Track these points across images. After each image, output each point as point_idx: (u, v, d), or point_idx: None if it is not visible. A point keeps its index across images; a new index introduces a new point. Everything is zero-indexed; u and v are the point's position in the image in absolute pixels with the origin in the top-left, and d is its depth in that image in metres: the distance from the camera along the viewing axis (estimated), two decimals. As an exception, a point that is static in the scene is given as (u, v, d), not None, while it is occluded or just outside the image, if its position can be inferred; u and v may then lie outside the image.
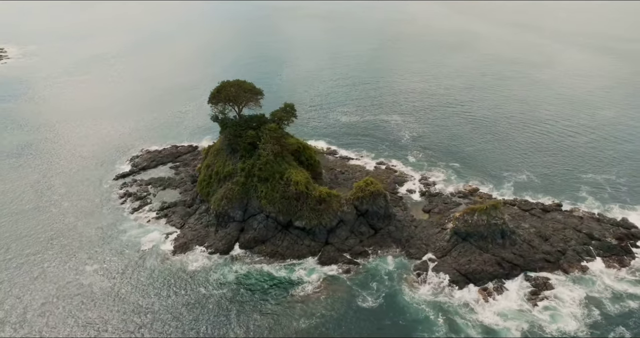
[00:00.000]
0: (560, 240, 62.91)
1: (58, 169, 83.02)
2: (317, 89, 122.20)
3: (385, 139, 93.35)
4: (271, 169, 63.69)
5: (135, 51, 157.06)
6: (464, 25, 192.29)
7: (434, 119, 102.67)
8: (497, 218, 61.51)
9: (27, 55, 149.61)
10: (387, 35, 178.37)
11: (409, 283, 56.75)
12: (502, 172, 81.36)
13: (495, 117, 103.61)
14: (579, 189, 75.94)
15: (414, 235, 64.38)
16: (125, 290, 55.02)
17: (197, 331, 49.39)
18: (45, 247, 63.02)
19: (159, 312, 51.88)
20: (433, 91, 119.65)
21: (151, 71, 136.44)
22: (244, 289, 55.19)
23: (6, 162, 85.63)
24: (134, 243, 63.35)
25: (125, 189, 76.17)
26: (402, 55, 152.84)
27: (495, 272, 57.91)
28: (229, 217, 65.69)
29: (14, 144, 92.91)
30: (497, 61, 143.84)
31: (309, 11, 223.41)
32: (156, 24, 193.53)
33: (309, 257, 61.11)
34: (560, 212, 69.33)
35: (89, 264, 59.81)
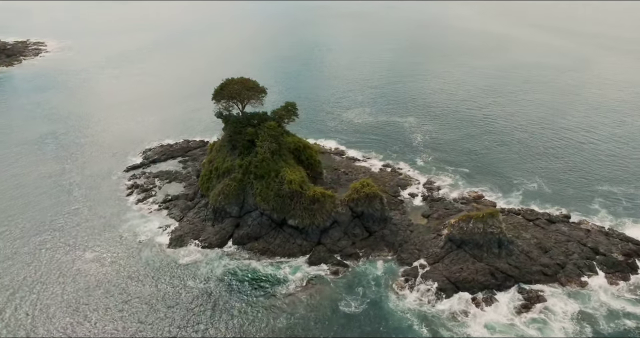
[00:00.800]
0: (561, 253, 60.31)
1: (75, 158, 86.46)
2: (335, 89, 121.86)
3: (396, 141, 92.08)
4: (267, 166, 64.12)
5: (165, 48, 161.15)
6: (491, 27, 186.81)
7: (449, 122, 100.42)
8: (493, 227, 59.60)
9: (64, 49, 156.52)
10: (409, 36, 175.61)
11: (396, 289, 55.80)
12: (513, 179, 78.73)
13: (515, 122, 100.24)
14: (592, 201, 72.53)
15: (408, 240, 63.29)
16: (116, 278, 56.80)
17: (171, 322, 50.43)
18: (50, 231, 65.91)
19: (141, 300, 53.35)
20: (453, 94, 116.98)
21: (178, 67, 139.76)
22: (228, 284, 55.88)
23: (28, 149, 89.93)
24: (133, 234, 65.29)
25: (133, 181, 78.54)
26: (424, 56, 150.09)
27: (486, 282, 56.15)
28: (226, 212, 66.63)
29: (39, 132, 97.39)
30: (523, 64, 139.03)
31: (333, 11, 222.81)
32: (187, 23, 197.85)
33: (299, 256, 61.18)
34: (567, 223, 66.43)
35: (88, 251, 62.13)
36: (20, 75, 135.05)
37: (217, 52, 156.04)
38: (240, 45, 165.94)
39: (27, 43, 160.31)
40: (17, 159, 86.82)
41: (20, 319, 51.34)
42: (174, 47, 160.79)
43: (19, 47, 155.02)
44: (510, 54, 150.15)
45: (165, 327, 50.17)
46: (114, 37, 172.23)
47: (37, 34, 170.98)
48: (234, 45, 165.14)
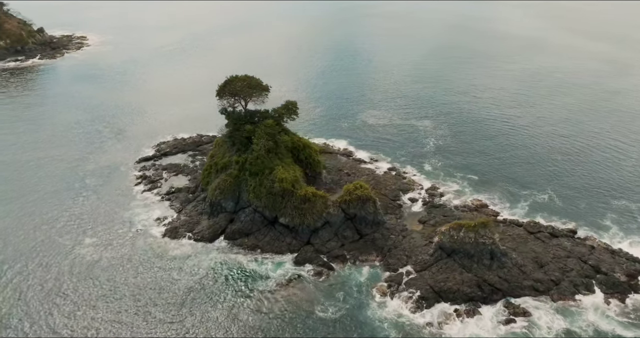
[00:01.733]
0: (558, 268, 57.38)
1: (95, 147, 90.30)
2: (355, 89, 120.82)
3: (407, 145, 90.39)
4: (262, 164, 64.67)
5: (200, 45, 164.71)
6: (535, 31, 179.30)
7: (467, 128, 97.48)
8: (485, 237, 57.51)
9: (104, 44, 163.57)
10: (442, 39, 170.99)
11: (377, 295, 54.84)
12: (523, 189, 75.53)
13: (537, 129, 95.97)
14: (604, 216, 68.53)
15: (399, 245, 62.08)
16: (106, 265, 59.03)
17: (148, 313, 51.94)
18: (57, 213, 69.49)
19: (123, 289, 55.29)
20: (477, 98, 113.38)
21: (209, 64, 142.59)
22: (209, 279, 56.78)
23: (54, 135, 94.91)
24: (132, 223, 67.58)
25: (142, 172, 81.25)
26: (453, 59, 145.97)
27: (472, 294, 54.26)
28: (221, 207, 67.76)
29: (68, 120, 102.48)
30: (558, 69, 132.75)
31: (370, 11, 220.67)
32: (225, 21, 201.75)
33: (287, 254, 61.32)
34: (571, 239, 63.08)
35: (88, 236, 64.92)
36: (61, 67, 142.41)
37: (248, 50, 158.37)
38: (270, 44, 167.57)
39: (71, 37, 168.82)
40: (42, 143, 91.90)
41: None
42: (209, 45, 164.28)
43: (63, 41, 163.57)
44: (547, 58, 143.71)
45: (139, 318, 51.51)
46: (154, 34, 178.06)
47: (82, 28, 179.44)
48: (264, 44, 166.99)
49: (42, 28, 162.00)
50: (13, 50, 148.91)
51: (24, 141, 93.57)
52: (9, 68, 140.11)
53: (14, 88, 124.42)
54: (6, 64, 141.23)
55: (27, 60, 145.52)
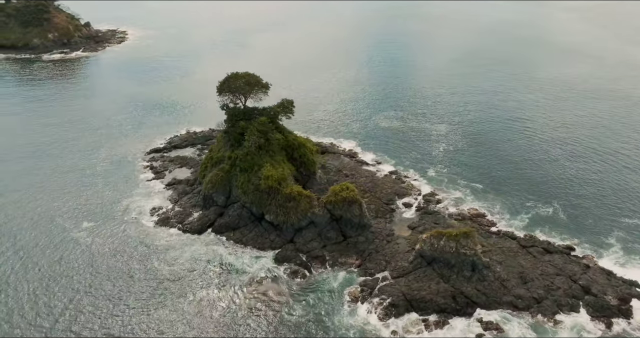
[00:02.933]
0: (543, 286, 54.42)
1: (113, 136, 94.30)
2: (373, 90, 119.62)
3: (415, 148, 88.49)
4: (251, 160, 65.44)
5: (236, 42, 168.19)
6: (582, 34, 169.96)
7: (482, 134, 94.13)
8: (467, 248, 55.44)
9: (144, 39, 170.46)
10: (477, 42, 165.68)
11: (348, 299, 54.13)
12: (528, 200, 72.11)
13: (557, 139, 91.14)
14: (609, 234, 64.28)
15: (381, 250, 60.99)
16: (96, 249, 61.68)
17: (120, 299, 53.80)
18: (63, 196, 73.69)
19: (102, 273, 57.57)
20: (501, 103, 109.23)
21: (238, 61, 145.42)
22: (188, 269, 58.09)
23: (76, 122, 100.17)
24: (129, 210, 70.25)
25: (150, 162, 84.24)
26: (483, 64, 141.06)
27: (444, 305, 52.47)
28: (213, 201, 69.17)
29: (94, 109, 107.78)
30: (595, 76, 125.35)
31: (408, 11, 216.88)
32: (261, 21, 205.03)
33: (268, 251, 61.68)
34: (566, 256, 59.61)
35: (87, 220, 68.15)
36: (100, 60, 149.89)
37: (277, 48, 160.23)
38: (299, 43, 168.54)
39: (115, 32, 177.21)
40: (65, 128, 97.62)
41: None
42: (242, 42, 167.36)
43: (107, 35, 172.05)
44: (589, 65, 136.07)
45: (110, 304, 53.16)
46: (192, 30, 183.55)
47: (126, 24, 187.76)
48: (293, 43, 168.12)
49: (88, 23, 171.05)
50: (60, 43, 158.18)
51: (48, 124, 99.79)
52: (55, 59, 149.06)
53: (54, 77, 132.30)
54: (52, 56, 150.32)
55: (71, 53, 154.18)
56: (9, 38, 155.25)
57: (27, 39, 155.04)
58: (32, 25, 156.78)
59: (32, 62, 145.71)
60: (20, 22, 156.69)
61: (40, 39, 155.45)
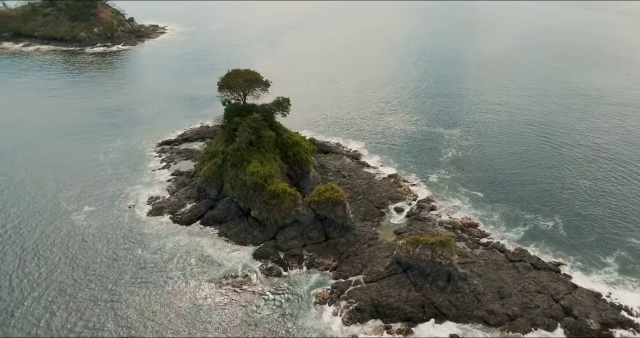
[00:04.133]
0: (520, 303, 51.77)
1: (131, 127, 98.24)
2: (393, 91, 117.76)
3: (422, 153, 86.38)
4: (241, 156, 66.33)
5: (271, 41, 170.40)
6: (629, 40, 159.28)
7: (496, 141, 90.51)
8: (442, 257, 53.64)
9: (182, 34, 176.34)
10: (510, 44, 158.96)
11: (316, 300, 53.75)
12: (529, 212, 68.75)
13: (576, 150, 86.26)
14: (608, 254, 60.22)
15: (359, 253, 60.14)
16: (87, 232, 64.66)
17: (90, 281, 56.10)
18: (72, 179, 77.95)
19: (86, 257, 60.07)
20: (523, 109, 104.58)
21: (267, 60, 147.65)
22: (166, 258, 59.52)
23: (100, 113, 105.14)
24: (128, 198, 73.05)
25: (159, 154, 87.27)
26: (515, 67, 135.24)
27: (411, 314, 51.07)
28: (206, 193, 70.74)
29: (120, 100, 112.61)
30: (625, 86, 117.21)
31: (445, 12, 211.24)
32: (298, 19, 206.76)
33: (249, 246, 62.26)
34: (553, 274, 56.35)
35: (88, 205, 71.60)
36: (137, 53, 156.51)
37: (309, 47, 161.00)
38: (332, 41, 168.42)
39: (156, 27, 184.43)
40: (88, 117, 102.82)
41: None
42: (276, 41, 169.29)
43: (148, 30, 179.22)
44: (625, 76, 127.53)
45: (77, 290, 54.95)
46: (231, 28, 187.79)
47: (169, 20, 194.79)
48: (326, 41, 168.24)
49: (132, 18, 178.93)
50: (104, 36, 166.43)
51: (77, 109, 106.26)
52: (97, 52, 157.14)
53: (91, 69, 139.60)
54: (94, 49, 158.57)
55: (113, 46, 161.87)
56: (58, 31, 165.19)
57: (75, 33, 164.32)
58: (80, 19, 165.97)
59: (75, 54, 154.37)
60: (70, 17, 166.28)
61: (86, 32, 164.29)
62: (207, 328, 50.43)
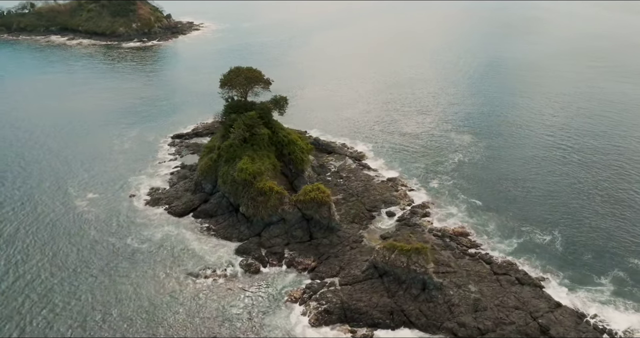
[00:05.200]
0: (495, 318, 49.66)
1: (148, 119, 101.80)
2: (409, 93, 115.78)
3: (429, 157, 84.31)
4: (233, 152, 67.27)
5: (303, 42, 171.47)
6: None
7: (508, 148, 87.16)
8: (417, 264, 52.31)
9: (216, 32, 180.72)
10: (551, 49, 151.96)
11: (288, 299, 53.74)
12: (527, 224, 65.68)
13: (591, 162, 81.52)
14: (605, 273, 56.62)
15: (340, 255, 59.58)
16: (85, 217, 67.51)
17: (67, 263, 58.47)
18: (81, 165, 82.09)
19: (76, 241, 62.72)
20: (545, 116, 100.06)
21: (294, 62, 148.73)
22: (150, 249, 60.67)
23: (122, 106, 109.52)
24: (130, 187, 75.78)
25: (169, 147, 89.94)
26: (546, 74, 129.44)
27: (378, 320, 50.15)
28: (202, 187, 72.26)
29: (141, 94, 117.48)
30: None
31: (485, 13, 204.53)
32: (333, 19, 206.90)
33: (233, 241, 62.92)
34: (537, 290, 53.60)
35: (92, 192, 74.80)
36: (169, 49, 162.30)
37: (340, 47, 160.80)
38: (366, 41, 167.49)
39: (192, 24, 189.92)
40: (108, 107, 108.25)
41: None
42: (308, 42, 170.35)
43: (184, 27, 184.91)
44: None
45: (51, 277, 56.81)
46: (268, 26, 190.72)
47: (207, 17, 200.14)
48: (360, 41, 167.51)
49: (169, 15, 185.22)
50: (141, 32, 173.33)
51: (103, 99, 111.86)
52: (133, 47, 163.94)
53: (125, 62, 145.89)
54: (130, 44, 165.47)
55: (148, 42, 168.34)
56: (100, 26, 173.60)
57: (114, 28, 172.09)
58: (120, 15, 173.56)
59: (112, 48, 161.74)
60: (111, 13, 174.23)
61: (125, 28, 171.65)
62: (177, 321, 51.07)
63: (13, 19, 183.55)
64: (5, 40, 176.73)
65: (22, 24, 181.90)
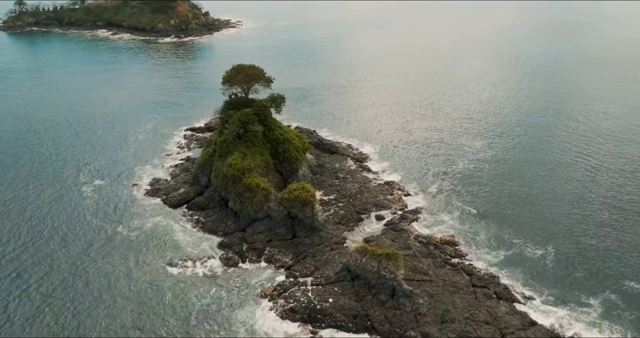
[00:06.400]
0: (461, 331, 47.86)
1: (166, 112, 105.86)
2: (430, 98, 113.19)
3: (432, 162, 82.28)
4: (227, 148, 68.38)
5: (333, 41, 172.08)
6: None
7: (517, 156, 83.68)
8: (387, 270, 51.25)
9: (251, 29, 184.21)
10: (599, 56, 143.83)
11: (258, 296, 53.88)
12: (520, 237, 62.77)
13: (606, 176, 76.70)
14: (595, 294, 53.19)
15: (318, 256, 59.31)
16: (86, 203, 70.80)
17: (46, 249, 61.03)
18: (94, 151, 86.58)
19: (72, 224, 65.87)
20: (570, 126, 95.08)
21: (321, 58, 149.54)
22: (139, 237, 62.87)
23: (146, 98, 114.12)
24: (134, 177, 78.73)
25: (180, 140, 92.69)
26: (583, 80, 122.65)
27: (342, 323, 49.57)
28: (198, 180, 73.99)
29: (165, 86, 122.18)
30: None
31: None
32: (371, 20, 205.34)
33: (218, 235, 64.06)
34: (514, 305, 51.13)
35: (100, 178, 78.34)
36: (204, 45, 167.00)
37: (369, 48, 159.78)
38: (396, 41, 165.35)
39: (229, 21, 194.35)
40: (136, 101, 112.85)
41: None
42: (341, 40, 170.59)
43: (221, 24, 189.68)
44: None
45: (42, 251, 60.47)
46: (303, 25, 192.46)
47: (245, 15, 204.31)
48: (393, 41, 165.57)
49: (207, 12, 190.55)
50: (179, 28, 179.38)
51: (131, 86, 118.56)
52: (169, 42, 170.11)
53: (159, 56, 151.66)
54: (166, 39, 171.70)
55: (185, 38, 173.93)
56: (141, 22, 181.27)
57: (154, 24, 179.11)
58: (160, 12, 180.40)
59: (150, 43, 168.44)
60: (151, 9, 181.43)
61: (164, 24, 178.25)
62: (146, 310, 51.89)
63: (65, 14, 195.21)
64: (56, 34, 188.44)
65: (72, 19, 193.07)
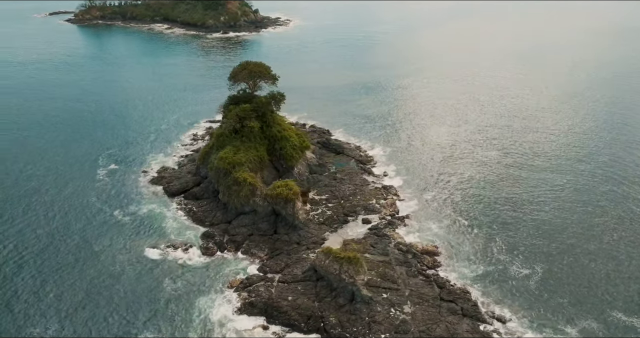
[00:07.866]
0: (413, 343, 46.19)
1: (191, 106, 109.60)
2: (456, 103, 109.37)
3: (439, 170, 79.55)
4: (223, 141, 70.05)
5: (374, 41, 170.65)
6: None
7: (528, 168, 79.14)
8: (347, 274, 50.45)
9: (298, 27, 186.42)
10: None
11: (223, 287, 54.85)
12: (507, 253, 59.54)
13: (618, 196, 70.48)
14: (572, 322, 49.54)
15: (292, 254, 59.39)
16: (95, 185, 75.15)
17: (43, 227, 64.99)
18: (114, 143, 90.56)
19: (72, 204, 69.94)
20: (594, 139, 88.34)
21: (356, 56, 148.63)
22: (131, 222, 65.86)
23: (180, 91, 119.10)
24: (146, 164, 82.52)
25: (196, 131, 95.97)
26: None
27: (296, 322, 49.46)
28: (199, 171, 76.40)
29: (201, 80, 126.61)
30: None
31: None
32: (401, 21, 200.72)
33: (205, 225, 65.93)
34: (478, 324, 48.49)
35: (113, 163, 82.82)
36: (249, 41, 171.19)
37: (400, 51, 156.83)
38: (437, 43, 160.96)
39: (278, 19, 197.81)
40: (171, 92, 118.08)
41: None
42: (381, 41, 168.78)
43: (269, 22, 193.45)
44: None
45: (38, 228, 64.55)
46: (350, 25, 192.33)
47: (295, 14, 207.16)
48: (431, 43, 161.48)
49: (257, 10, 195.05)
50: (228, 25, 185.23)
51: (169, 80, 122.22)
52: (216, 37, 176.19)
53: (204, 50, 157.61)
54: (214, 35, 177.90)
55: (232, 33, 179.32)
56: (193, 18, 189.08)
57: (205, 20, 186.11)
58: (211, 8, 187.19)
59: (198, 38, 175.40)
60: (203, 6, 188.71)
61: (214, 20, 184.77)
62: (115, 294, 53.76)
63: (128, 9, 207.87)
64: (119, 26, 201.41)
65: (134, 13, 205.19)
